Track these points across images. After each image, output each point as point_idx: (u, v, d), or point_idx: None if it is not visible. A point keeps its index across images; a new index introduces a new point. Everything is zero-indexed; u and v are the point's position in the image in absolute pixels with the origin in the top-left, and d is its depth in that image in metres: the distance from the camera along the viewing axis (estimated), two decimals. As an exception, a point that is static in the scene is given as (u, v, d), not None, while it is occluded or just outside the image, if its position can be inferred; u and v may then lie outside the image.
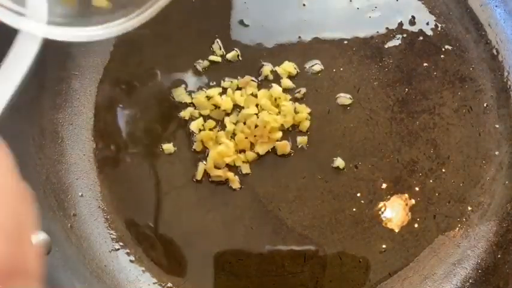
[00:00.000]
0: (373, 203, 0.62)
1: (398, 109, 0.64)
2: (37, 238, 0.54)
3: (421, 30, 0.66)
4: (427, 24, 0.66)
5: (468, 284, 0.60)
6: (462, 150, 0.63)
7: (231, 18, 0.66)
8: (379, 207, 0.62)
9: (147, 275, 0.61)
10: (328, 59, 0.65)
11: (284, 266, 0.60)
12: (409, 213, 0.62)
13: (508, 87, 0.65)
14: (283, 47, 0.65)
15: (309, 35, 0.65)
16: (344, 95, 0.64)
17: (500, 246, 0.61)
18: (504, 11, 0.66)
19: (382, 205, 0.62)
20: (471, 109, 0.64)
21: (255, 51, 0.65)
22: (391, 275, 0.61)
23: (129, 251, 0.61)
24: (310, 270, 0.60)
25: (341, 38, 0.65)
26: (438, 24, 0.66)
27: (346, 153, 0.63)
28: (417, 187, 0.62)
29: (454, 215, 0.62)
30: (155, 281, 0.61)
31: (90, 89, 0.64)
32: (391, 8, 0.67)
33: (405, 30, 0.66)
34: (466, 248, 0.61)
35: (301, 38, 0.65)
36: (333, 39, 0.65)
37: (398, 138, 0.63)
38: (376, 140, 0.63)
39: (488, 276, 0.60)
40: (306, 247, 0.61)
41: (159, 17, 0.66)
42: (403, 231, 0.61)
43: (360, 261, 0.60)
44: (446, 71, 0.65)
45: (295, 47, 0.65)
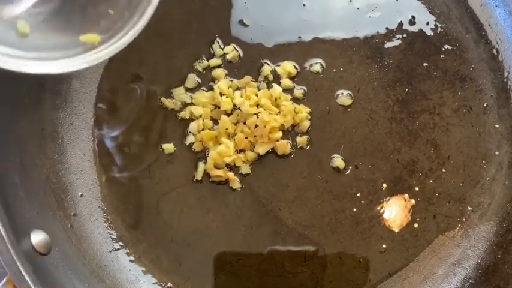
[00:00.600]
0: (373, 203, 0.62)
1: (398, 109, 0.64)
2: (37, 238, 0.54)
3: (421, 30, 0.66)
4: (427, 24, 0.66)
5: (468, 284, 0.60)
6: (462, 150, 0.63)
7: (231, 18, 0.66)
8: (379, 207, 0.62)
9: (147, 275, 0.61)
10: (328, 59, 0.65)
11: (284, 266, 0.60)
12: (409, 213, 0.62)
13: (508, 87, 0.65)
14: (283, 47, 0.65)
15: (309, 35, 0.65)
16: (344, 95, 0.64)
17: (500, 246, 0.61)
18: (504, 11, 0.66)
19: (382, 205, 0.62)
20: (471, 109, 0.64)
21: (255, 51, 0.65)
22: (391, 275, 0.60)
23: (129, 251, 0.61)
24: (310, 270, 0.60)
25: (341, 38, 0.65)
26: (438, 24, 0.66)
27: (346, 153, 0.63)
28: (417, 187, 0.62)
29: (454, 215, 0.62)
30: (155, 281, 0.61)
31: (90, 89, 0.65)
32: (391, 8, 0.67)
33: (405, 30, 0.66)
34: (466, 248, 0.61)
35: (301, 38, 0.65)
36: (333, 39, 0.65)
37: (398, 138, 0.63)
38: (376, 140, 0.63)
39: (488, 276, 0.60)
40: (306, 247, 0.61)
41: (159, 17, 0.66)
42: (403, 231, 0.61)
43: (360, 261, 0.60)
44: (446, 71, 0.65)
45: (295, 47, 0.65)
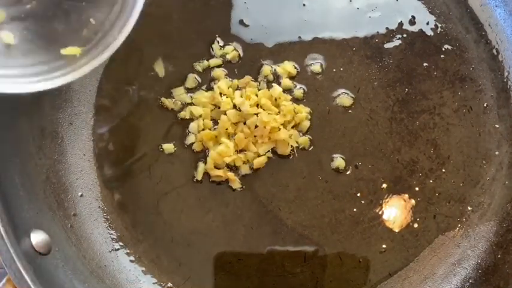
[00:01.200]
0: (373, 203, 0.62)
1: (398, 109, 0.64)
2: (37, 238, 0.54)
3: (421, 30, 0.66)
4: (427, 24, 0.66)
5: (468, 284, 0.60)
6: (462, 150, 0.63)
7: (231, 18, 0.66)
8: (379, 207, 0.62)
9: (147, 275, 0.61)
10: (328, 59, 0.65)
11: (284, 266, 0.60)
12: (409, 213, 0.62)
13: (508, 87, 0.65)
14: (283, 46, 0.65)
15: (309, 35, 0.65)
16: (344, 95, 0.64)
17: (500, 246, 0.61)
18: (504, 11, 0.66)
19: (382, 205, 0.62)
20: (471, 109, 0.64)
21: (255, 51, 0.65)
22: (391, 275, 0.60)
23: (129, 251, 0.61)
24: (310, 270, 0.60)
25: (341, 38, 0.65)
26: (438, 24, 0.66)
27: (346, 153, 0.63)
28: (417, 187, 0.62)
29: (454, 215, 0.62)
30: (155, 281, 0.61)
31: (90, 89, 0.64)
32: (391, 8, 0.67)
33: (405, 30, 0.66)
34: (466, 248, 0.61)
35: (301, 38, 0.65)
36: (333, 39, 0.65)
37: (399, 138, 0.63)
38: (376, 140, 0.63)
39: (488, 276, 0.60)
40: (306, 247, 0.61)
41: (159, 17, 0.66)
42: (403, 231, 0.61)
43: (360, 261, 0.60)
44: (446, 71, 0.65)
45: (295, 47, 0.65)
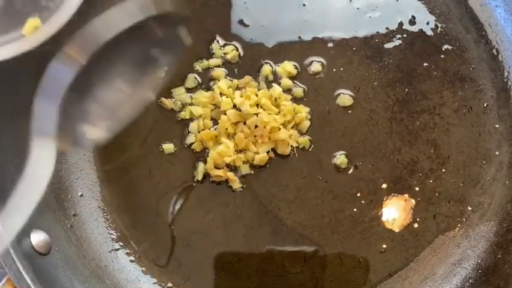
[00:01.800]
0: (373, 203, 0.62)
1: (398, 109, 0.64)
2: (37, 238, 0.54)
3: (421, 30, 0.66)
4: (427, 24, 0.66)
5: (468, 284, 0.60)
6: (462, 150, 0.63)
7: (231, 18, 0.66)
8: (379, 207, 0.62)
9: (147, 275, 0.61)
10: (328, 59, 0.65)
11: (284, 266, 0.60)
12: (409, 213, 0.62)
13: (508, 87, 0.65)
14: (283, 46, 0.65)
15: (309, 35, 0.65)
16: (344, 95, 0.64)
17: (501, 246, 0.61)
18: (504, 11, 0.66)
19: (382, 205, 0.62)
20: (471, 109, 0.64)
21: (255, 51, 0.65)
22: (391, 275, 0.60)
23: (129, 251, 0.61)
24: (310, 270, 0.60)
25: (341, 38, 0.65)
26: (438, 24, 0.66)
27: (346, 153, 0.63)
28: (417, 187, 0.62)
29: (454, 215, 0.62)
30: (155, 281, 0.61)
31: (90, 89, 0.64)
32: (391, 8, 0.67)
33: (405, 30, 0.66)
34: (466, 248, 0.61)
35: (301, 38, 0.65)
36: (332, 39, 0.65)
37: (399, 138, 0.63)
38: (376, 140, 0.63)
39: (489, 276, 0.60)
40: (306, 247, 0.61)
41: (159, 17, 0.66)
42: (403, 231, 0.61)
43: (360, 261, 0.60)
44: (446, 71, 0.65)
45: (295, 47, 0.65)
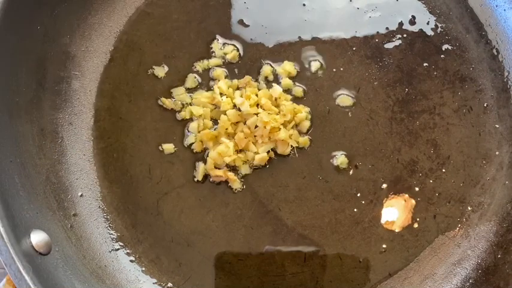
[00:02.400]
0: (373, 203, 0.62)
1: (398, 109, 0.64)
2: (37, 238, 0.54)
3: (421, 30, 0.66)
4: (427, 24, 0.66)
5: (468, 284, 0.60)
6: (462, 150, 0.63)
7: (231, 18, 0.66)
8: (379, 207, 0.62)
9: (147, 275, 0.61)
10: (328, 58, 0.65)
11: (284, 266, 0.60)
12: (409, 213, 0.62)
13: (508, 87, 0.65)
14: (283, 46, 0.65)
15: (309, 35, 0.65)
16: (344, 95, 0.64)
17: (501, 246, 0.61)
18: (504, 11, 0.66)
19: (382, 205, 0.62)
20: (471, 109, 0.64)
21: (255, 51, 0.65)
22: (391, 275, 0.60)
23: (129, 251, 0.61)
24: (310, 270, 0.60)
25: (341, 38, 0.65)
26: (438, 24, 0.66)
27: (346, 153, 0.63)
28: (417, 187, 0.62)
29: (454, 215, 0.62)
30: (155, 281, 0.61)
31: (90, 89, 0.64)
32: (391, 8, 0.67)
33: (405, 30, 0.66)
34: (466, 248, 0.61)
35: (301, 38, 0.65)
36: (333, 39, 0.65)
37: (399, 138, 0.63)
38: (376, 140, 0.63)
39: (489, 276, 0.60)
40: (306, 247, 0.61)
41: (159, 17, 0.66)
42: (403, 231, 0.61)
43: (360, 261, 0.60)
44: (446, 71, 0.65)
45: (295, 47, 0.65)
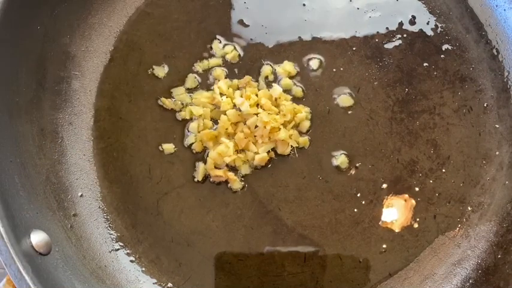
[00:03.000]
0: (373, 203, 0.62)
1: (398, 109, 0.64)
2: (37, 238, 0.54)
3: (421, 30, 0.66)
4: (427, 24, 0.66)
5: (468, 284, 0.60)
6: (462, 150, 0.63)
7: (231, 18, 0.66)
8: (379, 207, 0.62)
9: (147, 275, 0.61)
10: (328, 58, 0.65)
11: (284, 266, 0.60)
12: (409, 213, 0.62)
13: (508, 87, 0.65)
14: (283, 46, 0.65)
15: (309, 35, 0.65)
16: (344, 95, 0.64)
17: (501, 247, 0.61)
18: (504, 11, 0.66)
19: (382, 205, 0.62)
20: (471, 109, 0.64)
21: (255, 51, 0.65)
22: (391, 275, 0.60)
23: (129, 251, 0.61)
24: (310, 270, 0.60)
25: (341, 37, 0.65)
26: (438, 24, 0.66)
27: (346, 153, 0.63)
28: (417, 187, 0.62)
29: (454, 215, 0.62)
30: (155, 281, 0.61)
31: (90, 89, 0.64)
32: (391, 8, 0.67)
33: (405, 30, 0.66)
34: (466, 248, 0.61)
35: (301, 37, 0.65)
36: (333, 39, 0.65)
37: (399, 138, 0.63)
38: (376, 140, 0.63)
39: (489, 277, 0.60)
40: (306, 247, 0.61)
41: (159, 17, 0.66)
42: (403, 231, 0.61)
43: (360, 261, 0.60)
44: (446, 71, 0.65)
45: (295, 47, 0.65)
